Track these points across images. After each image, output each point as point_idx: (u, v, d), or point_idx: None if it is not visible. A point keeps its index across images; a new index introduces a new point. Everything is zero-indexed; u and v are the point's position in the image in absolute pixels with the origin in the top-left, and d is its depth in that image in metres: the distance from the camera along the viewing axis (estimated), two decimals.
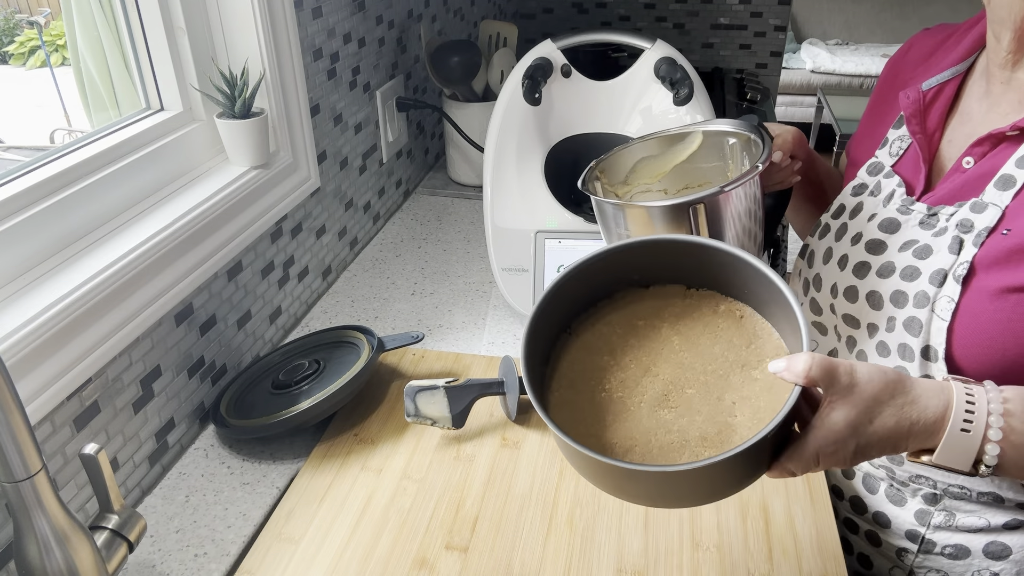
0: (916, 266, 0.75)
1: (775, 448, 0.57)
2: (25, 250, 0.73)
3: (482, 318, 1.12)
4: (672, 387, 0.62)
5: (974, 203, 0.72)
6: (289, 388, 0.89)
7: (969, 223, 0.72)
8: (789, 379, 0.55)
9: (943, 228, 0.74)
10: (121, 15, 0.91)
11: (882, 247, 0.79)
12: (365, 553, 0.74)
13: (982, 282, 0.69)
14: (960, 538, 0.77)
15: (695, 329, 0.65)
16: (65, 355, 0.69)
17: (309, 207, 1.14)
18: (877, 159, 0.87)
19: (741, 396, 0.60)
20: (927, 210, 0.77)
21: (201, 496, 0.82)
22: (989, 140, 0.73)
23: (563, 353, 0.66)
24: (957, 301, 0.70)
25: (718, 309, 0.66)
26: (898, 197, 0.81)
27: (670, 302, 0.67)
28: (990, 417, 0.56)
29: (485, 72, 1.49)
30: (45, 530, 0.55)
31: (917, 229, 0.77)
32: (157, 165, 0.90)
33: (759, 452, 0.55)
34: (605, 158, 0.88)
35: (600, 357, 0.65)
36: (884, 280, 0.77)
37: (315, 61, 1.12)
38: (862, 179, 0.88)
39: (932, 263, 0.73)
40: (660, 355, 0.65)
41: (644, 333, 0.66)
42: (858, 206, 0.85)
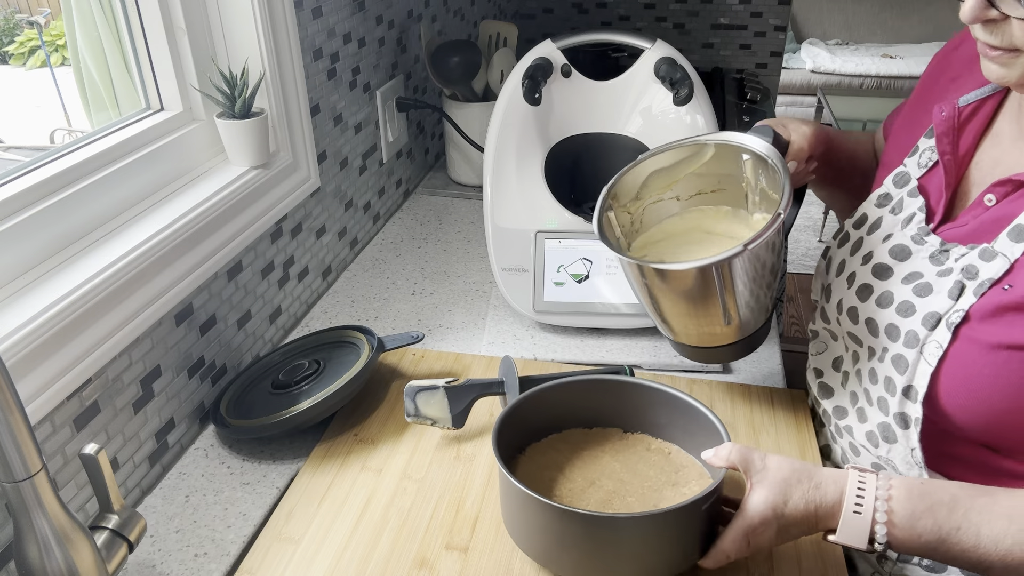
0: (913, 303, 0.73)
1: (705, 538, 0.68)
2: (25, 250, 0.73)
3: (482, 318, 1.12)
4: (614, 495, 0.75)
5: (984, 250, 0.70)
6: (289, 388, 0.89)
7: (974, 270, 0.69)
8: (716, 463, 0.69)
9: (949, 268, 0.72)
10: (121, 15, 0.91)
11: (887, 273, 0.78)
12: (365, 553, 0.74)
13: (975, 333, 0.68)
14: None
15: (632, 459, 0.80)
16: (65, 355, 0.70)
17: (309, 207, 1.14)
18: (905, 169, 0.83)
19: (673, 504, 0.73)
20: (940, 245, 0.74)
21: (201, 496, 0.82)
22: (1012, 183, 0.70)
23: (517, 468, 0.79)
24: (946, 349, 0.69)
25: (650, 447, 0.82)
26: (916, 223, 0.78)
27: (610, 439, 0.83)
28: (876, 502, 0.63)
29: (485, 72, 1.49)
30: (45, 530, 0.55)
31: (926, 262, 0.75)
32: (157, 165, 0.90)
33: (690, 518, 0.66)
34: (616, 182, 0.87)
35: (550, 472, 0.78)
36: (881, 310, 0.76)
37: (315, 61, 1.12)
38: (888, 189, 0.84)
39: (929, 304, 0.72)
40: (603, 473, 0.78)
41: (588, 459, 0.80)
42: (877, 221, 0.83)
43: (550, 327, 1.08)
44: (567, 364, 1.01)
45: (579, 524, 0.65)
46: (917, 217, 0.78)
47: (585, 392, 0.83)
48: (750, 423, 0.90)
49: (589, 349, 1.04)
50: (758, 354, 1.03)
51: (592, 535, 0.66)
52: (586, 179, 1.12)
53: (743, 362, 1.02)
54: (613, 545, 0.66)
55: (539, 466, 0.80)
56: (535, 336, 1.07)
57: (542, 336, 1.07)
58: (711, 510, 0.68)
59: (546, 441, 0.83)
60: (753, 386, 0.96)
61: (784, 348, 1.08)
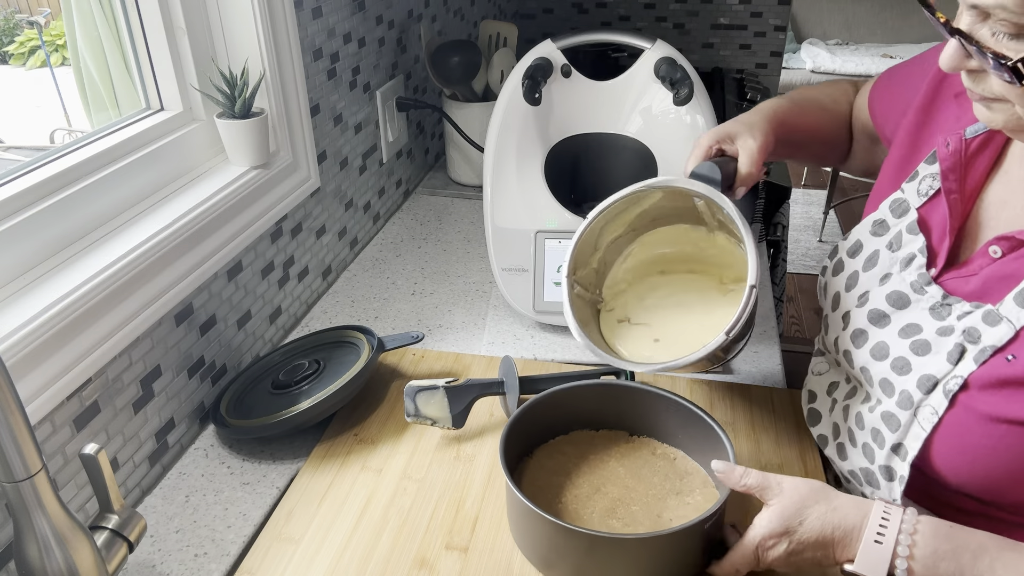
0: (909, 361, 0.69)
1: (707, 553, 0.69)
2: (25, 250, 0.73)
3: (482, 318, 1.12)
4: (619, 503, 0.76)
5: (988, 312, 0.65)
6: (289, 388, 0.89)
7: (976, 334, 0.65)
8: (729, 485, 0.68)
9: (950, 327, 0.67)
10: (121, 15, 0.91)
11: (884, 321, 0.73)
12: (365, 553, 0.74)
13: (973, 402, 0.64)
14: None
15: (637, 463, 0.81)
16: (65, 355, 0.69)
17: (309, 207, 1.14)
18: (903, 196, 0.76)
19: (677, 515, 0.75)
20: (942, 298, 0.69)
21: (201, 496, 0.82)
22: (1016, 240, 0.66)
23: (524, 472, 0.80)
24: (941, 416, 0.66)
25: (655, 452, 0.83)
26: (916, 267, 0.72)
27: (616, 443, 0.83)
28: (900, 535, 0.61)
29: (485, 72, 1.49)
30: (45, 530, 0.55)
31: (925, 314, 0.70)
32: (157, 165, 0.90)
33: (692, 537, 0.67)
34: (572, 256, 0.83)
35: (557, 477, 0.79)
36: (876, 362, 0.72)
37: (315, 61, 1.12)
38: (883, 215, 0.78)
39: (926, 364, 0.67)
40: (608, 479, 0.79)
41: (594, 463, 0.81)
42: (874, 256, 0.77)
43: (550, 327, 1.08)
44: (567, 364, 1.01)
45: (582, 541, 0.66)
46: (918, 260, 0.72)
47: (592, 396, 0.84)
48: (750, 423, 0.90)
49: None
50: (758, 354, 1.03)
51: (594, 552, 0.67)
52: (586, 179, 1.12)
53: (743, 362, 1.02)
54: (614, 562, 0.67)
55: (546, 471, 0.80)
56: (535, 336, 1.07)
57: (542, 336, 1.07)
58: (714, 527, 0.69)
59: (553, 443, 0.84)
60: (753, 386, 0.96)
61: (784, 348, 1.08)
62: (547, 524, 0.67)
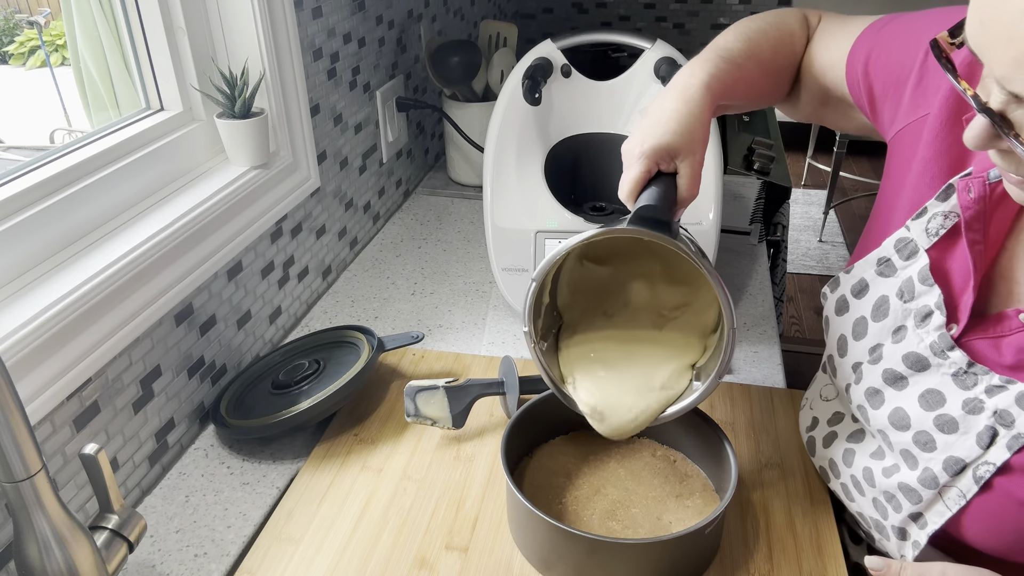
0: (933, 438, 0.62)
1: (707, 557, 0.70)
2: (25, 250, 0.73)
3: (482, 318, 1.12)
4: (619, 505, 0.76)
5: (1022, 395, 0.58)
6: (289, 388, 0.89)
7: (1009, 418, 0.58)
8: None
9: (978, 403, 0.60)
10: (121, 15, 0.91)
11: (901, 384, 0.66)
12: (365, 553, 0.74)
13: (1009, 487, 0.59)
14: None
15: (637, 465, 0.81)
16: (65, 355, 0.69)
17: (309, 207, 1.14)
18: (909, 235, 0.66)
19: (676, 517, 0.75)
20: (966, 365, 0.61)
21: (201, 496, 0.82)
22: None
23: (524, 472, 0.80)
24: (970, 500, 0.61)
25: (656, 454, 0.83)
26: (934, 327, 0.63)
27: (616, 445, 0.83)
28: None
29: (485, 72, 1.49)
30: (45, 530, 0.55)
31: (947, 381, 0.62)
32: (157, 165, 0.90)
33: (693, 542, 0.67)
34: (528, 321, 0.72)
35: (557, 478, 0.79)
36: (896, 430, 0.66)
37: (315, 61, 1.12)
38: (888, 254, 0.68)
39: (952, 446, 0.61)
40: (608, 481, 0.79)
41: (595, 465, 0.81)
42: (882, 304, 0.68)
43: None
44: None
45: (582, 544, 0.66)
46: (936, 319, 0.63)
47: None
48: (750, 423, 0.90)
49: None
50: (758, 354, 1.03)
51: (594, 555, 0.67)
52: (586, 179, 1.12)
53: (743, 362, 1.02)
54: (615, 565, 0.67)
55: (546, 471, 0.80)
56: None
57: None
58: (715, 532, 0.69)
59: (553, 444, 0.84)
60: (753, 386, 0.96)
61: (784, 348, 1.08)
62: (547, 526, 0.67)
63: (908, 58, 0.69)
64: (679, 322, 0.76)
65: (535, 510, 0.67)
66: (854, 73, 0.76)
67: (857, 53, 0.76)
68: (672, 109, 0.70)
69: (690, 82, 0.72)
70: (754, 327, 1.09)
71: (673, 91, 0.72)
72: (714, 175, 1.04)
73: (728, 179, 1.40)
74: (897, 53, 0.71)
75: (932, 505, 0.64)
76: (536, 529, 0.69)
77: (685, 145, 0.69)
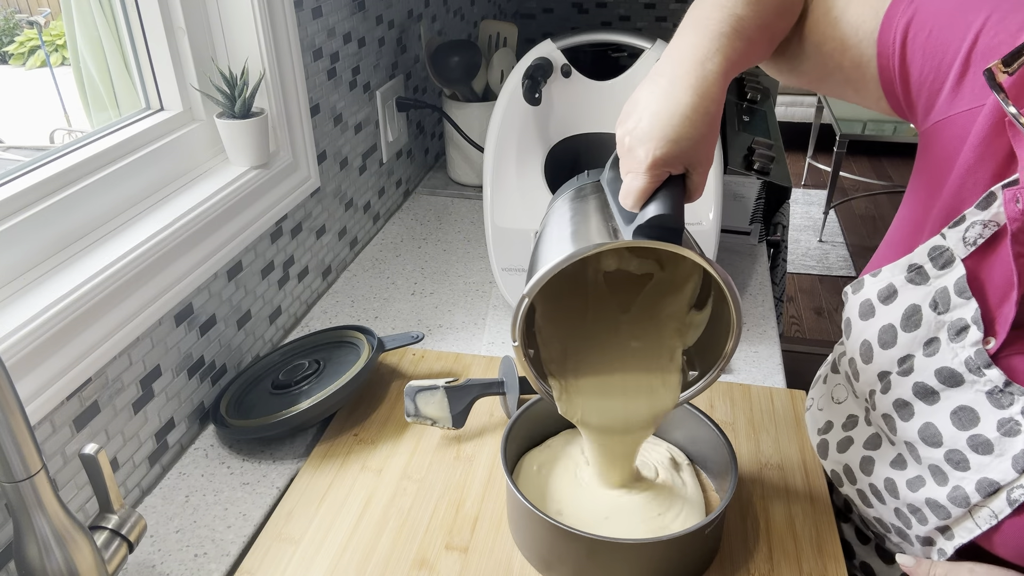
0: (967, 457, 0.60)
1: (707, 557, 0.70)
2: (25, 250, 0.73)
3: (482, 318, 1.12)
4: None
5: None
6: (289, 388, 0.89)
7: None
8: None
9: (1014, 424, 0.58)
10: (121, 15, 0.91)
11: (932, 398, 0.63)
12: (365, 553, 0.74)
13: None
14: None
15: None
16: (65, 355, 0.69)
17: (309, 207, 1.14)
18: (945, 243, 0.62)
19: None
20: (1003, 384, 0.59)
21: (201, 496, 0.82)
22: None
23: (522, 466, 0.80)
24: (1002, 520, 0.59)
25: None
26: (970, 343, 0.60)
27: None
28: None
29: (485, 72, 1.49)
30: (45, 530, 0.55)
31: (982, 398, 0.60)
32: (157, 165, 0.90)
33: (692, 543, 0.67)
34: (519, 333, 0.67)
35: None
36: (927, 446, 0.64)
37: (315, 61, 1.12)
38: (921, 261, 0.63)
39: (986, 467, 0.59)
40: None
41: None
42: (914, 314, 0.64)
43: None
44: None
45: (582, 544, 0.66)
46: (973, 334, 0.60)
47: None
48: (750, 423, 0.90)
49: None
50: (758, 354, 1.03)
51: (594, 555, 0.67)
52: None
53: (743, 362, 1.02)
54: (615, 566, 0.67)
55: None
56: None
57: None
58: (715, 532, 0.69)
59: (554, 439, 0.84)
60: (753, 386, 0.96)
61: (784, 348, 1.08)
62: (547, 526, 0.67)
63: (955, 38, 0.60)
64: (652, 303, 0.71)
65: (535, 510, 0.67)
66: (887, 47, 0.65)
67: (893, 22, 0.64)
68: (688, 105, 0.59)
69: (707, 69, 0.61)
70: (754, 327, 1.09)
71: (686, 77, 0.61)
72: (714, 175, 1.04)
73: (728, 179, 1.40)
74: (942, 31, 0.61)
75: (961, 522, 0.62)
76: (536, 529, 0.69)
77: (701, 151, 0.60)
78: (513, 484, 0.70)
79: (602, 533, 0.66)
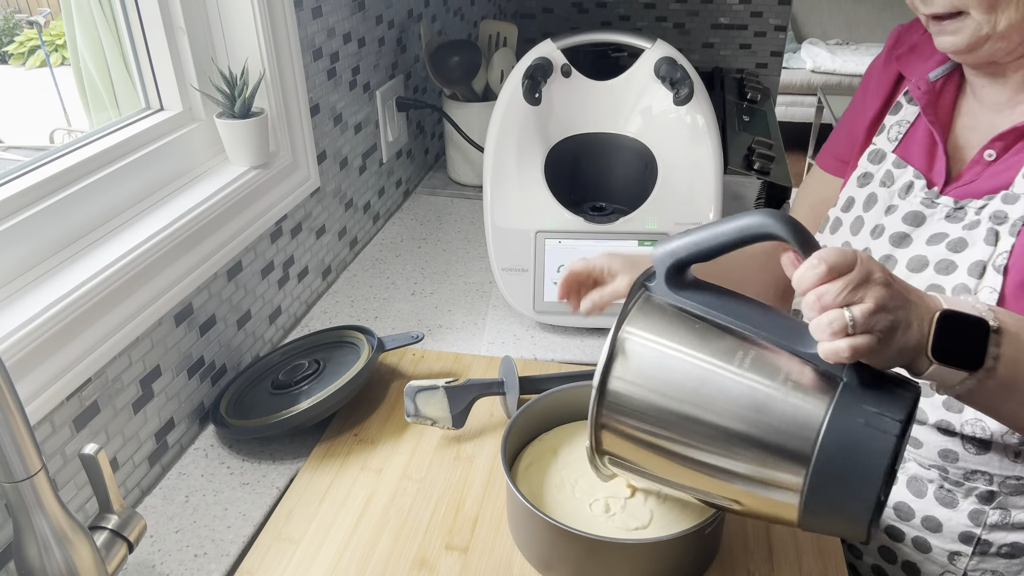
0: (951, 259, 0.73)
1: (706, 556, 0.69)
2: (25, 250, 0.73)
3: (482, 318, 1.12)
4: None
5: (1006, 195, 0.72)
6: (289, 388, 0.89)
7: (1003, 215, 0.71)
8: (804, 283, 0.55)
9: (974, 221, 0.73)
10: (121, 15, 0.91)
11: (907, 240, 0.78)
12: (365, 553, 0.74)
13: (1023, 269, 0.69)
14: (1017, 536, 0.76)
15: None
16: (65, 355, 0.69)
17: (309, 207, 1.14)
18: (876, 146, 0.86)
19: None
20: (954, 203, 0.75)
21: (201, 496, 0.82)
22: (1012, 134, 0.73)
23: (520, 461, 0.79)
24: (1000, 291, 0.70)
25: None
26: (919, 189, 0.79)
27: None
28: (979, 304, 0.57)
29: (485, 72, 1.49)
30: (45, 530, 0.55)
31: (944, 223, 0.76)
32: (157, 165, 0.90)
33: (692, 542, 0.66)
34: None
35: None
36: (916, 274, 0.76)
37: (315, 61, 1.12)
38: (865, 168, 0.86)
39: (969, 255, 0.72)
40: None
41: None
42: (871, 198, 0.84)
43: (550, 327, 1.08)
44: (567, 364, 1.01)
45: (582, 544, 0.66)
46: (917, 184, 0.79)
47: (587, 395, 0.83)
48: None
49: (589, 349, 1.04)
50: None
51: (594, 555, 0.66)
52: (586, 179, 1.12)
53: None
54: (615, 565, 0.67)
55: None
56: (535, 336, 1.07)
57: (542, 336, 1.07)
58: (715, 532, 0.69)
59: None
60: None
61: None
62: (547, 526, 0.67)
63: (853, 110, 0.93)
64: None
65: (535, 510, 0.67)
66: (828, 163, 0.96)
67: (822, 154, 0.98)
68: None
69: None
70: None
71: None
72: (714, 175, 1.04)
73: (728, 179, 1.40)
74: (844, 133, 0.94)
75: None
76: (536, 529, 0.69)
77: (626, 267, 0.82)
78: (513, 484, 0.70)
79: (602, 533, 0.66)
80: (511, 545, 0.74)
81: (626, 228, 1.03)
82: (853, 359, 0.52)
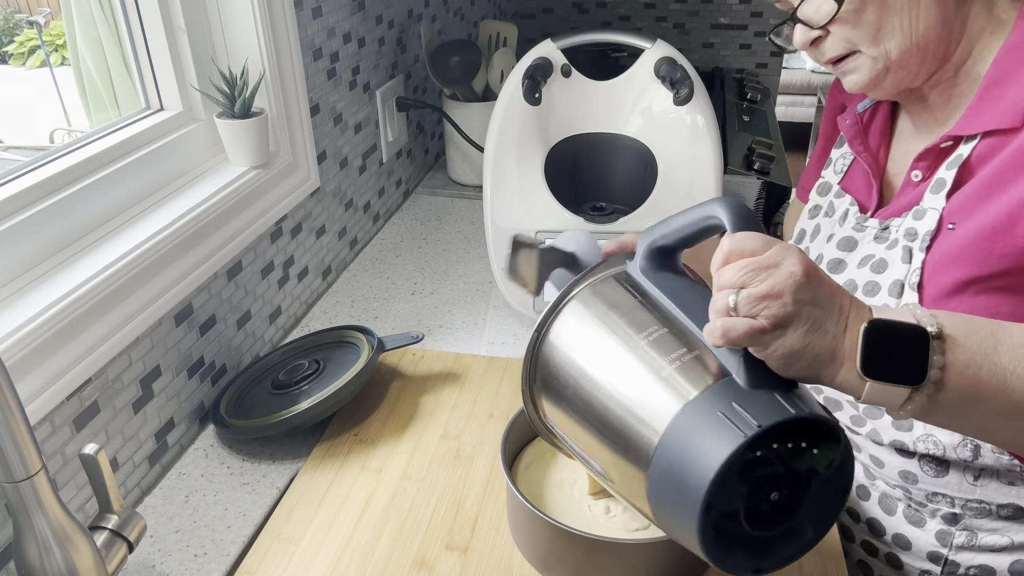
0: (876, 281, 0.75)
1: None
2: (25, 250, 0.73)
3: (482, 318, 1.12)
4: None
5: (916, 211, 0.73)
6: (289, 388, 0.89)
7: (913, 231, 0.72)
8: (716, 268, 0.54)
9: (894, 240, 0.75)
10: (121, 15, 0.91)
11: (842, 266, 0.80)
12: (365, 553, 0.74)
13: (937, 284, 0.69)
14: (984, 558, 0.75)
15: None
16: (65, 355, 0.69)
17: (309, 207, 1.14)
18: (824, 179, 0.90)
19: None
20: (879, 225, 0.77)
21: (201, 496, 0.82)
22: (931, 153, 0.74)
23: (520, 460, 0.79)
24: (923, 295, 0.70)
25: None
26: (852, 215, 0.81)
27: None
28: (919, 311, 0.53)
29: (485, 72, 1.49)
30: (45, 530, 0.55)
31: (872, 244, 0.77)
32: (157, 165, 0.90)
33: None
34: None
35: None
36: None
37: (315, 61, 1.12)
38: (815, 201, 0.90)
39: (889, 275, 0.73)
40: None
41: None
42: (816, 228, 0.87)
43: None
44: None
45: (582, 544, 0.66)
46: (851, 211, 0.82)
47: None
48: None
49: None
50: None
51: (594, 555, 0.66)
52: (586, 179, 1.12)
53: None
54: (615, 565, 0.67)
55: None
56: None
57: None
58: None
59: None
60: None
61: None
62: (547, 526, 0.67)
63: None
64: None
65: (535, 510, 0.67)
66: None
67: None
68: None
69: None
70: None
71: None
72: (714, 175, 1.04)
73: (728, 179, 1.40)
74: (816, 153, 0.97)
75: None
76: (536, 529, 0.69)
77: None
78: (513, 484, 0.70)
79: (602, 533, 0.66)
80: (511, 545, 0.74)
81: (626, 228, 1.03)
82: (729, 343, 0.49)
